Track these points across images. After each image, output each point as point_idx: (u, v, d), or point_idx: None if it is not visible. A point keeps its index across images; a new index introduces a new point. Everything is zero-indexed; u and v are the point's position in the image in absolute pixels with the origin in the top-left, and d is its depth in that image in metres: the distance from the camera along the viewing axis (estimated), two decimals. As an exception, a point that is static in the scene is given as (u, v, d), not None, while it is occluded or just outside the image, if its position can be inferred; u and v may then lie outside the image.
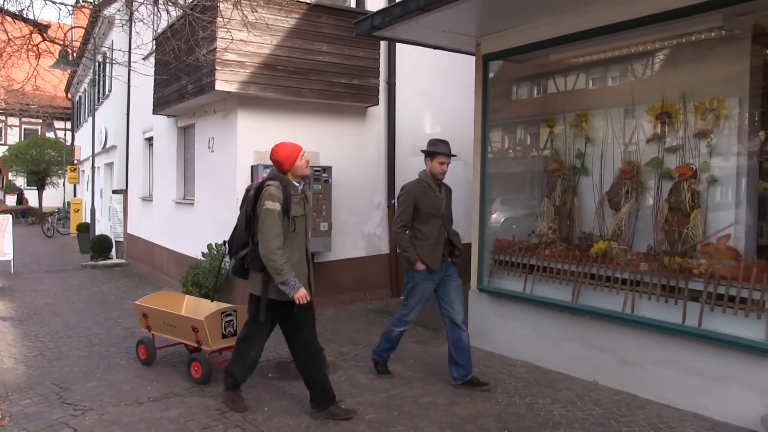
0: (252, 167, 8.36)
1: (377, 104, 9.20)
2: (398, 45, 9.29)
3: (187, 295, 6.70)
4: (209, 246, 8.61)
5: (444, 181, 5.67)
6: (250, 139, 8.42)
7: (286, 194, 4.68)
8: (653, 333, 5.22)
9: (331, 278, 8.94)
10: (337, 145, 9.02)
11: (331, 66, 8.55)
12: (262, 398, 5.26)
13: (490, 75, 7.01)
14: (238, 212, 5.01)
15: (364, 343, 6.95)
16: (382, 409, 5.00)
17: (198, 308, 6.38)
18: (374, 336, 7.24)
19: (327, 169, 8.60)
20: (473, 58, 7.07)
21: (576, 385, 5.50)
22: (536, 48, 6.31)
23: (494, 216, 7.09)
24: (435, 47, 7.49)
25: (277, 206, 4.61)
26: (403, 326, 5.78)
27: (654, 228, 5.40)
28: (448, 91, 9.85)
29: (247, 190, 4.93)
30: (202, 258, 8.64)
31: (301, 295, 4.59)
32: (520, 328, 6.24)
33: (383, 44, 9.28)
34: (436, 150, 5.55)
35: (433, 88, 9.93)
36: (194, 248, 9.27)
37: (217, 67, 7.82)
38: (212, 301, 6.39)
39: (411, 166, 9.73)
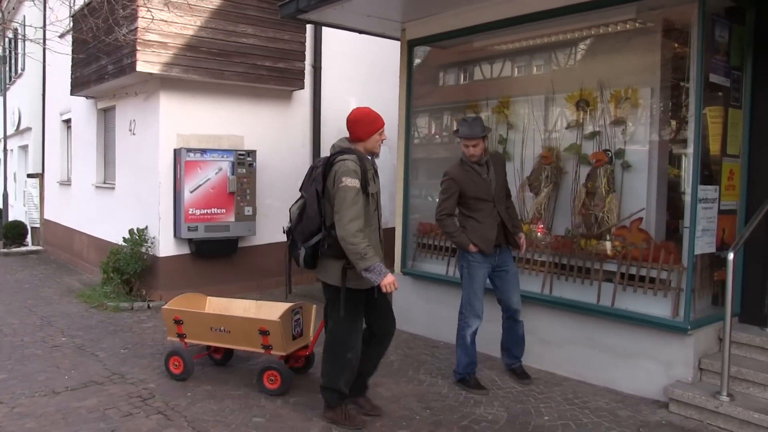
0: (175, 151, 8.20)
1: (303, 88, 9.15)
2: (325, 29, 9.23)
3: (208, 297, 5.89)
4: (131, 231, 8.41)
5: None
6: (173, 122, 8.23)
7: (363, 169, 4.15)
8: (570, 313, 5.43)
9: (256, 263, 8.87)
10: (262, 129, 8.93)
11: (255, 48, 8.44)
12: (185, 384, 5.19)
13: (417, 61, 7.08)
14: (301, 194, 4.38)
15: (289, 328, 6.93)
16: (307, 393, 5.02)
17: (231, 309, 5.70)
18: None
19: (252, 153, 8.51)
20: (399, 43, 7.12)
21: (497, 364, 5.65)
22: (460, 34, 6.42)
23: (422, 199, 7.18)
24: (361, 32, 7.49)
25: (356, 183, 4.04)
26: (473, 324, 5.12)
27: (572, 212, 5.59)
28: (374, 75, 9.86)
29: (312, 168, 4.32)
30: (124, 243, 8.43)
31: (390, 281, 4.08)
32: (443, 310, 6.35)
33: (309, 28, 9.21)
34: (457, 134, 5.11)
35: (360, 72, 9.93)
36: (115, 234, 9.02)
37: (138, 48, 7.60)
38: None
39: (337, 151, 9.74)
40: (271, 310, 5.47)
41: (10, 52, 16.92)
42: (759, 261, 5.15)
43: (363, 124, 4.30)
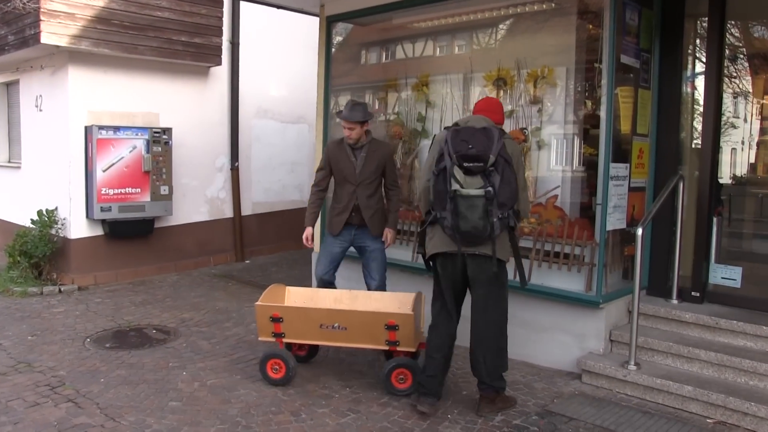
0: (86, 128, 7.84)
1: (220, 64, 8.90)
2: (243, 3, 9.01)
3: (287, 287, 5.25)
4: (39, 212, 8.01)
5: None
6: (83, 98, 7.87)
7: None
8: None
9: (174, 243, 8.64)
10: (178, 106, 8.65)
11: (170, 23, 8.14)
12: (98, 369, 5.01)
13: (338, 38, 7.01)
14: (484, 155, 3.90)
15: (207, 309, 6.80)
16: (225, 374, 4.94)
17: (317, 300, 5.15)
18: (218, 300, 7.13)
19: (167, 131, 8.23)
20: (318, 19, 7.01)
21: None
22: (380, 11, 6.37)
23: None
24: (279, 7, 7.36)
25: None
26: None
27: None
28: (294, 52, 9.70)
29: (484, 133, 3.97)
30: (32, 226, 8.03)
31: None
32: (362, 287, 6.34)
33: (227, 2, 8.95)
34: (339, 115, 5.22)
35: (279, 49, 9.74)
36: (23, 216, 8.58)
37: (42, 18, 7.19)
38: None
39: (256, 129, 9.60)
40: (382, 301, 4.99)
41: None
42: (665, 236, 5.36)
43: (500, 110, 4.41)
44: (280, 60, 9.78)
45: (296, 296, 5.21)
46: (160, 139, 8.14)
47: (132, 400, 4.44)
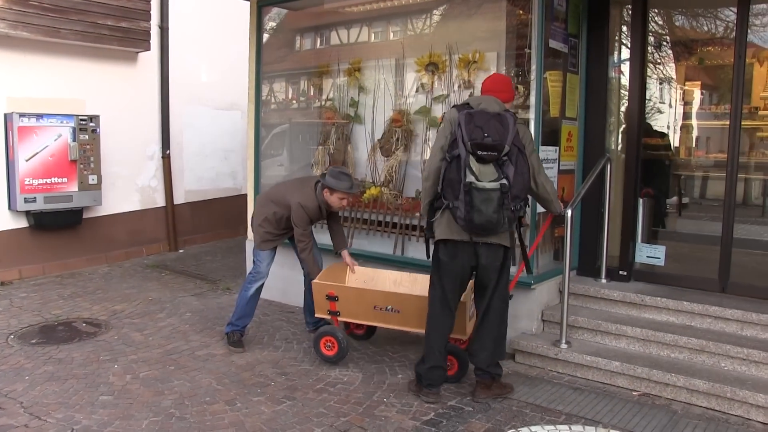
0: (6, 115, 7.50)
1: (149, 50, 8.64)
2: (172, -13, 8.80)
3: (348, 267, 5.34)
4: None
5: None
6: (2, 84, 7.51)
7: None
8: (424, 274, 5.52)
9: (104, 234, 8.39)
10: (105, 93, 8.36)
11: (94, 5, 7.85)
12: (23, 367, 4.82)
13: (272, 24, 6.91)
14: (499, 144, 3.80)
15: (139, 300, 6.64)
16: (158, 366, 4.84)
17: (377, 281, 5.19)
18: (151, 291, 6.97)
19: (94, 118, 7.95)
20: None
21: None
22: (310, -5, 6.33)
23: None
24: (208, -10, 7.18)
25: None
26: (258, 281, 5.33)
27: (422, 173, 5.67)
28: (226, 37, 9.48)
29: (498, 119, 3.87)
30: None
31: None
32: (297, 275, 6.24)
33: (155, -15, 8.72)
34: (339, 187, 4.91)
35: (211, 34, 9.51)
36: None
37: (-48, -2, 6.85)
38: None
39: (187, 116, 9.38)
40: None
41: None
42: (594, 217, 5.50)
43: (510, 89, 4.31)
44: (212, 45, 9.56)
45: (358, 275, 5.29)
46: (87, 127, 7.87)
47: (60, 396, 4.30)
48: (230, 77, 9.54)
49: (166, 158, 9.06)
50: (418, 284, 5.00)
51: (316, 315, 5.10)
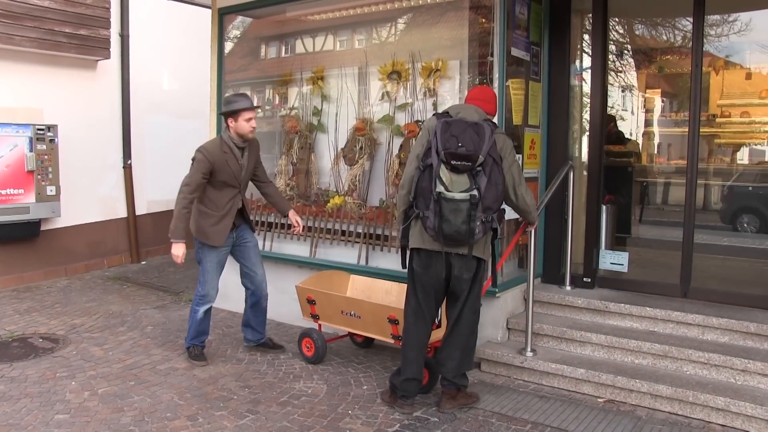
0: (-42, 124, 7.32)
1: (109, 58, 8.50)
2: (132, -6, 8.67)
3: (351, 275, 5.48)
4: None
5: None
6: (-46, 92, 7.34)
7: None
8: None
9: (63, 246, 8.20)
10: (64, 101, 8.19)
11: (51, 12, 7.70)
12: (-26, 384, 4.67)
13: (236, 32, 6.84)
14: (474, 154, 3.78)
15: (99, 313, 6.49)
16: (117, 381, 4.72)
17: (374, 291, 5.26)
18: (111, 304, 6.82)
19: (52, 128, 7.77)
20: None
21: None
22: (272, 3, 6.29)
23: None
24: (170, -2, 7.09)
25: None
26: (205, 304, 5.06)
27: (386, 182, 5.67)
28: (189, 45, 9.37)
29: (474, 129, 3.84)
30: None
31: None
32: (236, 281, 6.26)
33: (115, -8, 8.58)
34: (239, 106, 4.76)
35: (173, 42, 9.40)
36: None
37: None
38: None
39: (149, 125, 9.24)
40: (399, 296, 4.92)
41: None
42: (557, 225, 5.52)
43: (494, 100, 4.33)
44: (174, 53, 9.45)
45: (356, 284, 5.44)
46: (44, 137, 7.69)
47: (11, 417, 4.13)
48: (193, 85, 9.42)
49: (127, 168, 8.91)
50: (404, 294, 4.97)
51: (303, 317, 5.24)
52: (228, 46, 6.91)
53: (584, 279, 5.45)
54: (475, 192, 3.78)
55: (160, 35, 9.30)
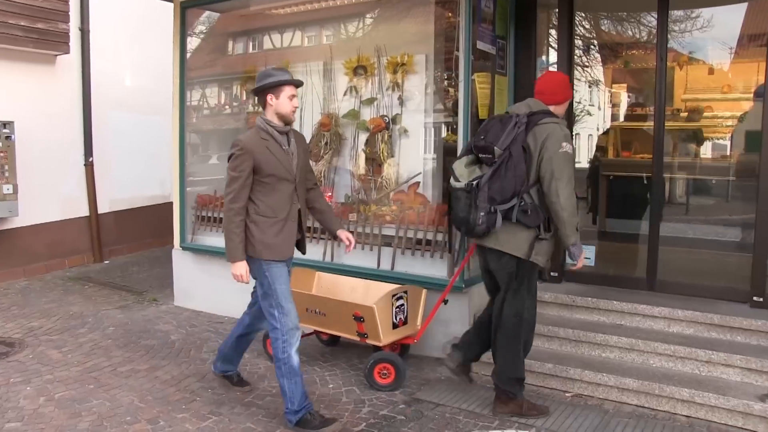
0: None
1: (69, 53, 8.28)
2: (93, -12, 8.46)
3: (317, 272, 5.28)
4: None
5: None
6: None
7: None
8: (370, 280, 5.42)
9: (21, 246, 7.97)
10: (21, 98, 7.95)
11: (6, 4, 7.45)
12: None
13: (202, 28, 6.72)
14: (491, 147, 3.76)
15: (59, 315, 6.31)
16: (76, 385, 4.58)
17: (340, 288, 5.11)
18: (72, 305, 6.64)
19: (8, 125, 7.54)
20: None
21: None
22: (235, -3, 6.17)
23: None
24: (129, -10, 6.93)
25: (572, 150, 3.79)
26: (296, 340, 3.87)
27: (351, 178, 5.60)
28: (154, 40, 9.15)
29: (502, 122, 3.82)
30: None
31: (582, 260, 3.97)
32: (226, 284, 6.02)
33: (73, -15, 8.37)
34: (281, 79, 3.81)
35: (136, 37, 9.17)
36: None
37: None
38: None
39: (112, 121, 9.03)
40: (377, 292, 4.78)
41: None
42: (524, 219, 5.48)
43: (561, 88, 4.04)
44: (137, 48, 9.23)
45: (322, 282, 5.28)
46: (0, 134, 7.47)
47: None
48: (158, 81, 9.19)
49: (89, 165, 8.70)
50: (371, 291, 4.95)
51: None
52: (195, 42, 6.80)
53: (551, 273, 5.43)
54: (473, 182, 3.77)
55: (123, 30, 9.08)
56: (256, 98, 3.98)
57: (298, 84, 3.93)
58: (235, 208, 3.75)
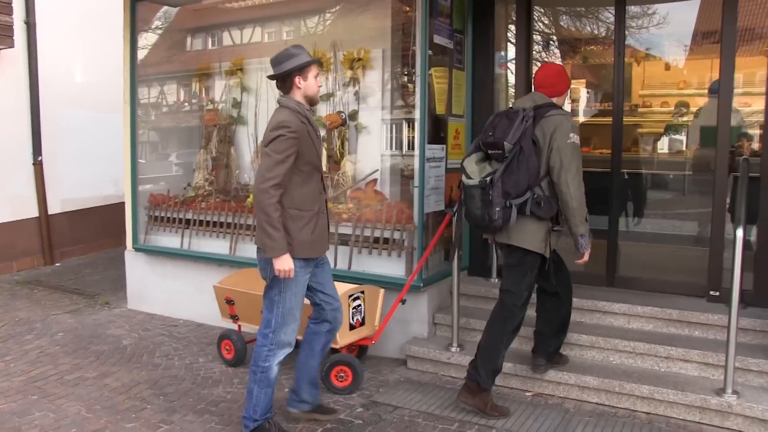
0: None
1: (13, 47, 7.96)
2: (37, -21, 8.16)
3: None
4: None
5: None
6: None
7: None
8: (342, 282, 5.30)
9: (-34, 249, 7.69)
10: (-37, 94, 7.67)
11: (-55, -2, 7.17)
12: None
13: (158, 23, 6.53)
14: (501, 143, 3.75)
15: (4, 321, 6.04)
16: (17, 396, 4.36)
17: None
18: (19, 311, 6.39)
19: (-49, 122, 7.27)
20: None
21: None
22: (186, -10, 5.99)
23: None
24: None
25: (578, 140, 3.81)
26: (281, 353, 3.65)
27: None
28: (108, 35, 8.85)
29: (509, 117, 3.81)
30: None
31: (588, 253, 3.99)
32: (180, 286, 5.98)
33: (18, -22, 8.06)
34: (306, 60, 3.56)
35: (88, 31, 8.82)
36: None
37: None
38: None
39: (63, 119, 8.73)
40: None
41: None
42: (484, 216, 5.42)
43: (561, 80, 4.03)
44: (90, 43, 8.91)
45: None
46: (-59, 132, 7.17)
47: None
48: (112, 77, 8.93)
49: (38, 165, 8.40)
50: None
51: (222, 318, 4.82)
52: (152, 37, 6.60)
53: (512, 271, 5.37)
54: (486, 178, 3.76)
55: (73, 23, 8.76)
56: (278, 82, 3.62)
57: (320, 63, 3.72)
58: (277, 195, 3.36)
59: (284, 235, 3.40)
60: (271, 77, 3.65)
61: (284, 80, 3.58)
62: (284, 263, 3.40)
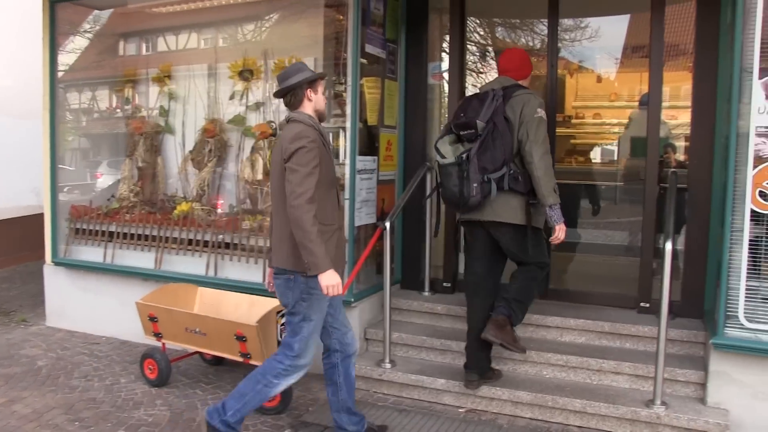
0: None
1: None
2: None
3: (199, 287, 4.95)
4: None
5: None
6: None
7: None
8: (254, 295, 5.10)
9: None
10: None
11: None
12: None
13: (88, 26, 6.28)
14: (474, 121, 3.90)
15: None
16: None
17: (223, 305, 4.77)
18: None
19: None
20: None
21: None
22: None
23: (100, 180, 6.46)
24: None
25: (545, 116, 3.94)
26: (295, 375, 3.57)
27: (236, 187, 5.32)
28: (28, 38, 8.45)
29: (480, 98, 3.98)
30: None
31: (563, 230, 3.98)
32: (103, 301, 5.71)
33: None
34: (319, 73, 3.54)
35: (5, 33, 8.47)
36: None
37: None
38: None
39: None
40: (261, 309, 4.35)
41: None
42: (416, 228, 5.36)
43: (523, 64, 4.22)
44: (6, 46, 8.52)
45: (205, 298, 4.93)
46: None
47: None
48: (32, 82, 8.54)
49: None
50: (254, 308, 4.61)
51: (145, 336, 4.65)
52: (82, 41, 6.31)
53: (444, 284, 5.32)
54: (464, 155, 3.86)
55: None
56: (288, 97, 3.47)
57: (325, 78, 3.68)
58: (313, 209, 3.20)
59: (326, 250, 3.25)
60: (279, 93, 3.51)
61: (295, 94, 3.46)
62: (331, 278, 3.25)
